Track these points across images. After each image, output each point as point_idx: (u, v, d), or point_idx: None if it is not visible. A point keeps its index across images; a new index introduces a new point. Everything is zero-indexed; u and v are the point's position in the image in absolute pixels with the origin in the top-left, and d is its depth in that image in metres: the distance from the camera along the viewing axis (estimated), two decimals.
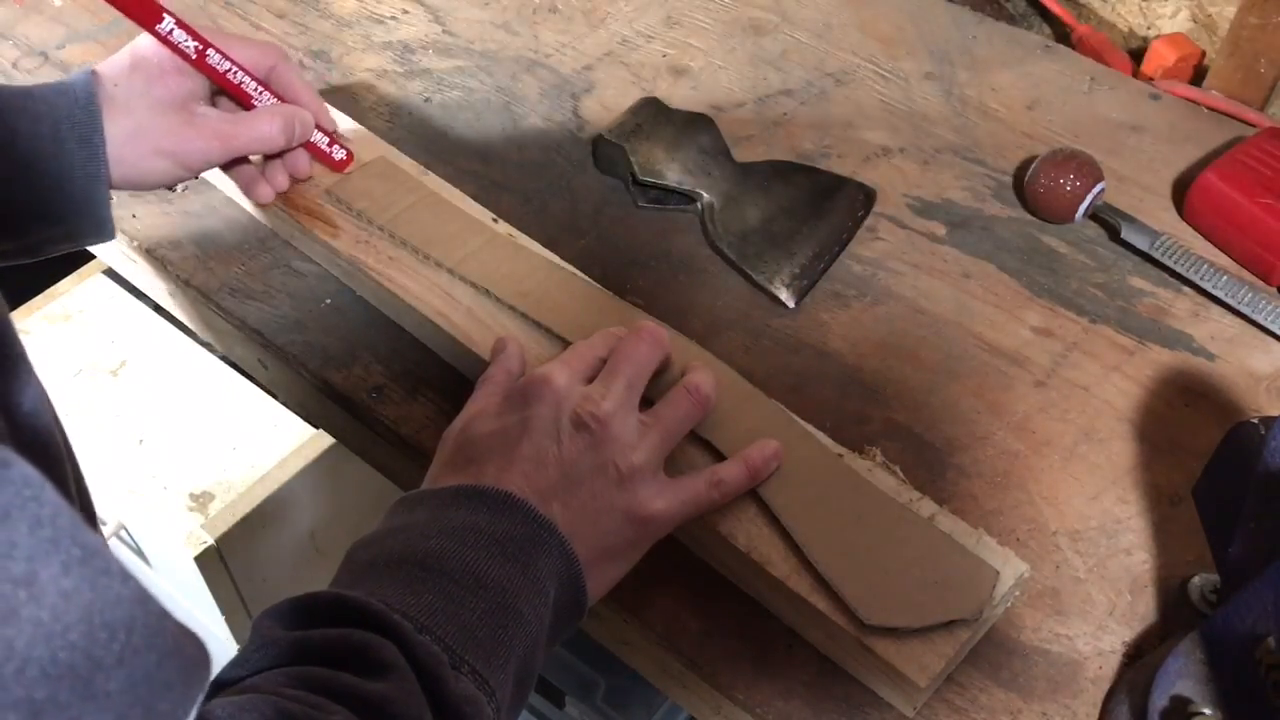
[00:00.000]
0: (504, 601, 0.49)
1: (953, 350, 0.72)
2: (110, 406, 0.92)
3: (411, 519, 0.52)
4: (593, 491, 0.55)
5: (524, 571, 0.50)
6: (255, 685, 0.42)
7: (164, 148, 0.65)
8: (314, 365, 0.70)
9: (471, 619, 0.47)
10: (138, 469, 0.90)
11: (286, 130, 0.69)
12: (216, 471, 0.89)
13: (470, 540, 0.50)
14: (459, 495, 0.52)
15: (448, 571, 0.48)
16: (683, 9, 0.96)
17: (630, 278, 0.75)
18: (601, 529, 0.55)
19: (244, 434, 0.91)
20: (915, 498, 0.60)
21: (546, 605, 0.51)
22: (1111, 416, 0.69)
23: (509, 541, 0.50)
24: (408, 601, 0.47)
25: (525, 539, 0.51)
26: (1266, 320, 0.73)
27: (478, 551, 0.50)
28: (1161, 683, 0.52)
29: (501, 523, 0.51)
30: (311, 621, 0.45)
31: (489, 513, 0.51)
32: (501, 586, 0.49)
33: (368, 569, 0.50)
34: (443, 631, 0.46)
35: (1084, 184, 0.77)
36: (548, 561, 0.51)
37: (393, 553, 0.50)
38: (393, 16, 0.94)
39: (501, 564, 0.50)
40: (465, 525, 0.51)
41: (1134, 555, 0.63)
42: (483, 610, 0.48)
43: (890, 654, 0.54)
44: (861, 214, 0.78)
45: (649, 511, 0.55)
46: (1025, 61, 0.92)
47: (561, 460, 0.55)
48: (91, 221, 0.65)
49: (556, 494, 0.54)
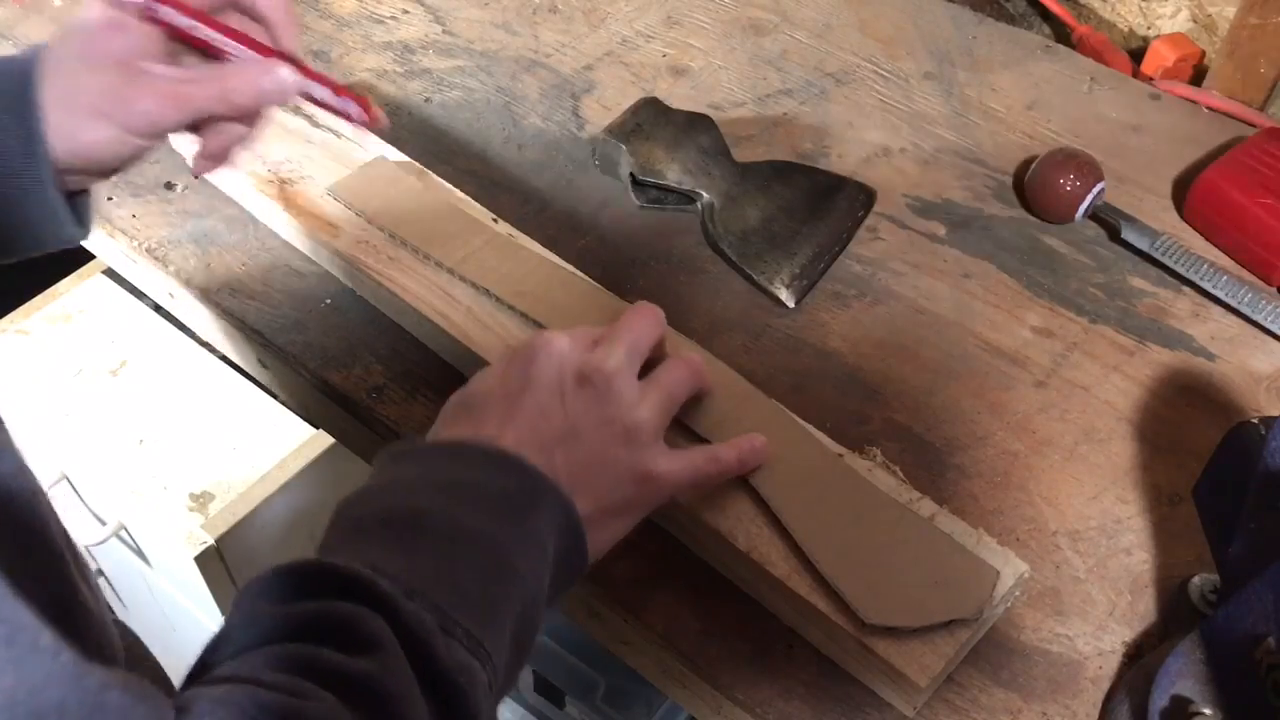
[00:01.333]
0: (499, 559, 0.47)
1: (953, 350, 0.72)
2: (110, 406, 0.92)
3: (400, 473, 0.51)
4: (596, 446, 0.53)
5: (520, 527, 0.49)
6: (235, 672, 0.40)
7: (100, 107, 0.56)
8: (314, 365, 0.70)
9: (465, 579, 0.46)
10: (138, 469, 0.90)
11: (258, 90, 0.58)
12: (216, 471, 0.89)
13: (462, 496, 0.48)
14: (450, 451, 0.51)
15: (439, 530, 0.47)
16: (683, 9, 0.96)
17: (630, 278, 0.75)
18: (604, 484, 0.53)
19: (244, 434, 0.91)
20: (915, 498, 0.60)
21: (545, 562, 0.49)
22: (1111, 416, 0.69)
23: (503, 497, 0.49)
24: (397, 564, 0.45)
25: (521, 494, 0.50)
26: (1266, 320, 0.73)
27: (470, 508, 0.48)
28: (1161, 683, 0.52)
29: (496, 478, 0.50)
30: (297, 593, 0.44)
31: (482, 468, 0.50)
32: (496, 543, 0.47)
33: (355, 530, 0.48)
34: (434, 594, 0.44)
35: (1084, 184, 0.77)
36: (546, 516, 0.50)
37: (381, 511, 0.48)
38: (393, 16, 0.94)
39: (495, 520, 0.48)
40: (457, 481, 0.49)
41: (1134, 555, 0.63)
42: (477, 569, 0.46)
43: (890, 654, 0.54)
44: (861, 214, 0.78)
45: (653, 470, 0.54)
46: (1025, 62, 0.92)
47: (565, 413, 0.53)
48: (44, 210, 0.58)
49: (559, 447, 0.53)
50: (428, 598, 0.44)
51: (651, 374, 0.58)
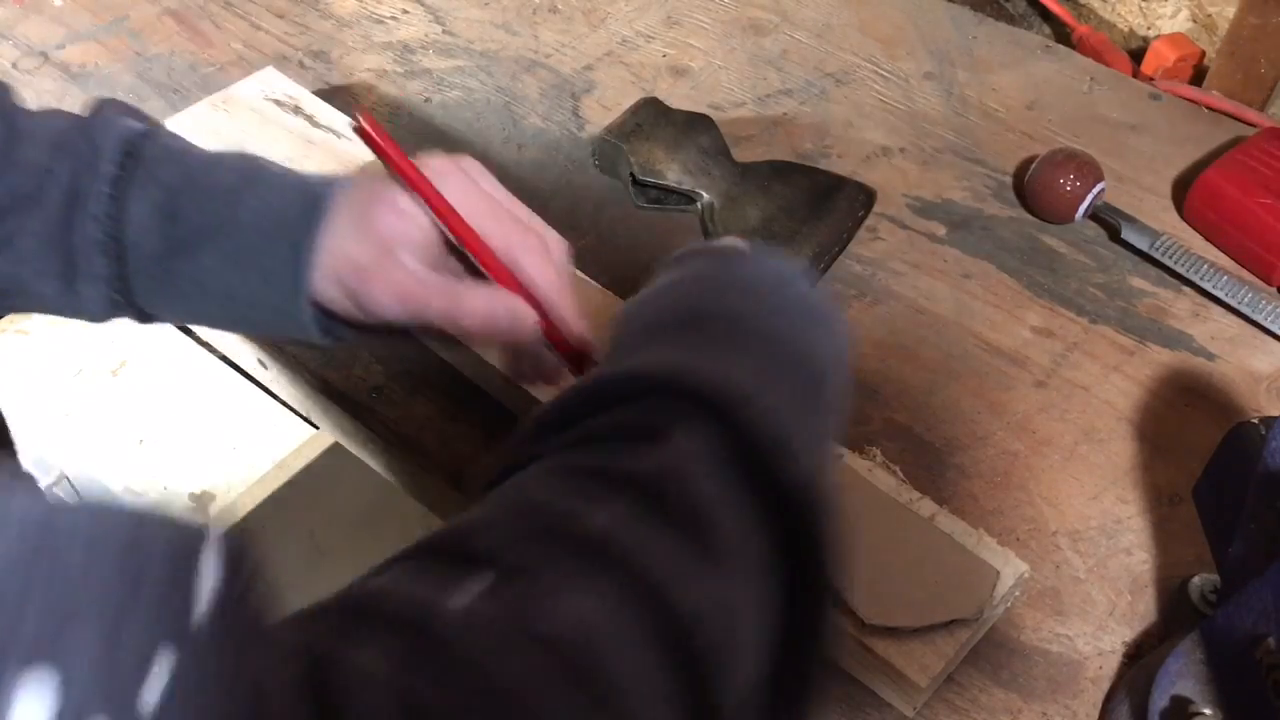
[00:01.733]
0: (817, 379, 0.42)
1: (953, 350, 0.72)
2: (110, 406, 0.92)
3: (690, 271, 0.46)
4: None
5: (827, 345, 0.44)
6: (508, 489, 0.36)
7: (343, 277, 0.55)
8: (314, 365, 0.70)
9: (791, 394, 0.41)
10: (138, 469, 0.90)
11: (482, 321, 0.56)
12: (216, 471, 0.89)
13: (773, 301, 0.44)
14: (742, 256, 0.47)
15: (759, 333, 0.42)
16: (683, 9, 0.96)
17: (630, 278, 0.75)
18: None
19: (244, 434, 0.91)
20: (915, 498, 0.60)
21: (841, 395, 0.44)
22: (1111, 416, 0.69)
23: (806, 309, 0.45)
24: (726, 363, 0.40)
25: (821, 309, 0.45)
26: (1267, 320, 0.73)
27: (783, 315, 0.44)
28: (1161, 683, 0.52)
29: (793, 287, 0.45)
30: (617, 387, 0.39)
31: (777, 275, 0.46)
32: (814, 360, 0.43)
33: (653, 333, 0.43)
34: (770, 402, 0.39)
35: (1084, 184, 0.77)
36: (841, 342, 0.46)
37: (683, 308, 0.44)
38: (393, 16, 0.94)
39: (808, 332, 0.44)
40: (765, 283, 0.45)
41: (1134, 555, 0.63)
42: (801, 387, 0.41)
43: (890, 654, 0.54)
44: (862, 214, 0.78)
45: None
46: (1025, 61, 0.92)
47: None
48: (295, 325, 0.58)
49: None
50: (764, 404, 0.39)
51: None
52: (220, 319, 0.62)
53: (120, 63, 0.88)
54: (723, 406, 0.37)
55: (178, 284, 0.58)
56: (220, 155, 0.59)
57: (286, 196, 0.57)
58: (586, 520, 0.35)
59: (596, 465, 0.37)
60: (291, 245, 0.56)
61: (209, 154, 0.59)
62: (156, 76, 0.87)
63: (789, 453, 0.38)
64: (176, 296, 0.59)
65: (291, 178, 0.58)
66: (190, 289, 0.58)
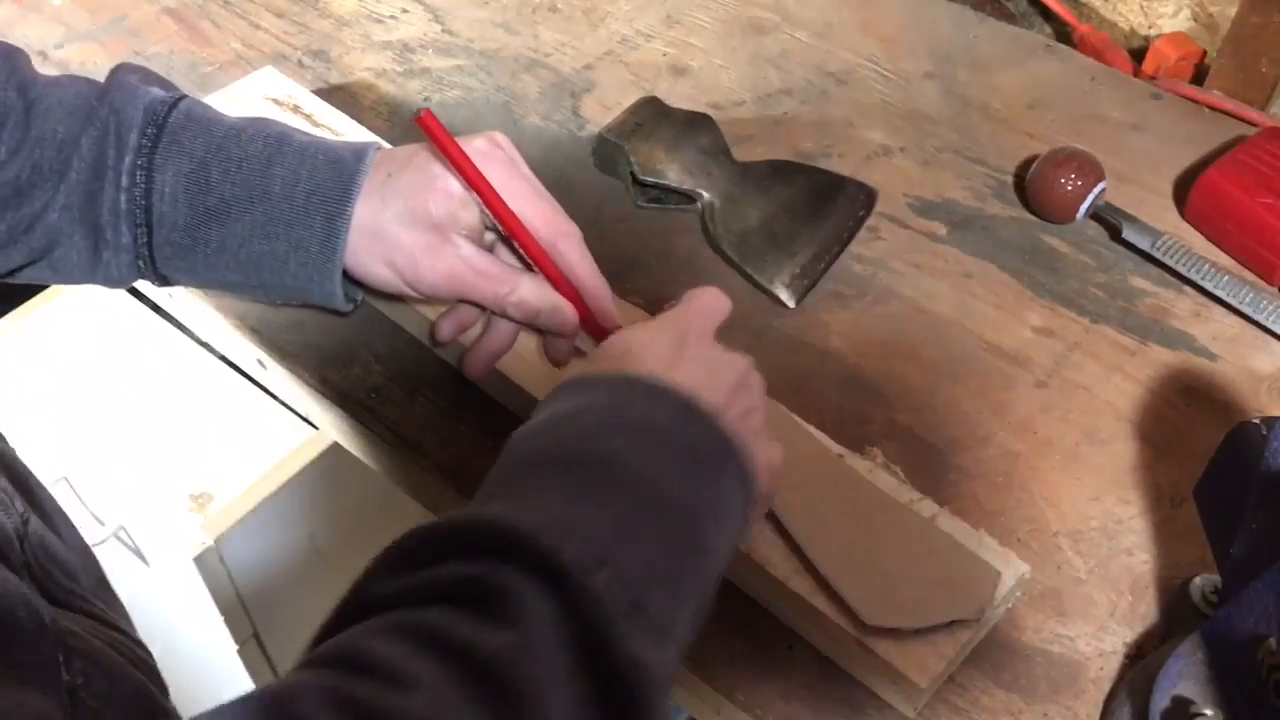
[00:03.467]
0: (692, 527, 0.42)
1: (954, 350, 0.72)
2: (110, 406, 0.92)
3: (587, 402, 0.45)
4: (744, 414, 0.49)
5: (712, 489, 0.43)
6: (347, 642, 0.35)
7: (396, 262, 0.59)
8: (314, 365, 0.70)
9: (656, 547, 0.40)
10: (138, 469, 0.90)
11: (527, 312, 0.60)
12: (216, 471, 0.89)
13: (657, 444, 0.43)
14: (640, 386, 0.45)
15: (631, 481, 0.41)
16: (683, 9, 0.96)
17: (630, 278, 0.75)
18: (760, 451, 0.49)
19: (244, 434, 0.91)
20: (916, 498, 0.60)
21: (730, 535, 0.44)
22: (1113, 417, 0.69)
23: (694, 453, 0.44)
24: (586, 518, 0.39)
25: (711, 455, 0.44)
26: (1268, 320, 0.72)
27: (660, 460, 0.42)
28: (1163, 683, 0.52)
29: (689, 428, 0.44)
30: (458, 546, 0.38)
31: (673, 415, 0.44)
32: (689, 510, 0.42)
33: (534, 467, 0.43)
34: (626, 563, 0.38)
35: (1085, 184, 0.77)
36: (732, 486, 0.45)
37: (563, 449, 0.43)
38: (393, 16, 0.94)
39: (689, 481, 0.43)
40: (650, 423, 0.44)
41: (1135, 556, 0.63)
42: (669, 537, 0.41)
43: (891, 655, 0.54)
44: (862, 214, 0.78)
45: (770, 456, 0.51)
46: (1026, 61, 0.92)
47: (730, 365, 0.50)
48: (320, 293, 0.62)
49: (731, 399, 0.48)
50: (619, 567, 0.38)
51: None
52: (243, 286, 0.63)
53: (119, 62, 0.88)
54: (569, 578, 0.37)
55: (204, 252, 0.59)
56: (246, 122, 0.60)
57: (317, 167, 0.58)
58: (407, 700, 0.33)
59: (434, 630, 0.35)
60: (326, 218, 0.58)
61: (234, 121, 0.60)
62: None
63: (633, 625, 0.37)
64: (201, 263, 0.60)
65: (319, 146, 0.60)
66: (216, 257, 0.59)
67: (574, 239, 0.61)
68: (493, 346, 0.63)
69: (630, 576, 0.38)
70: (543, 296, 0.60)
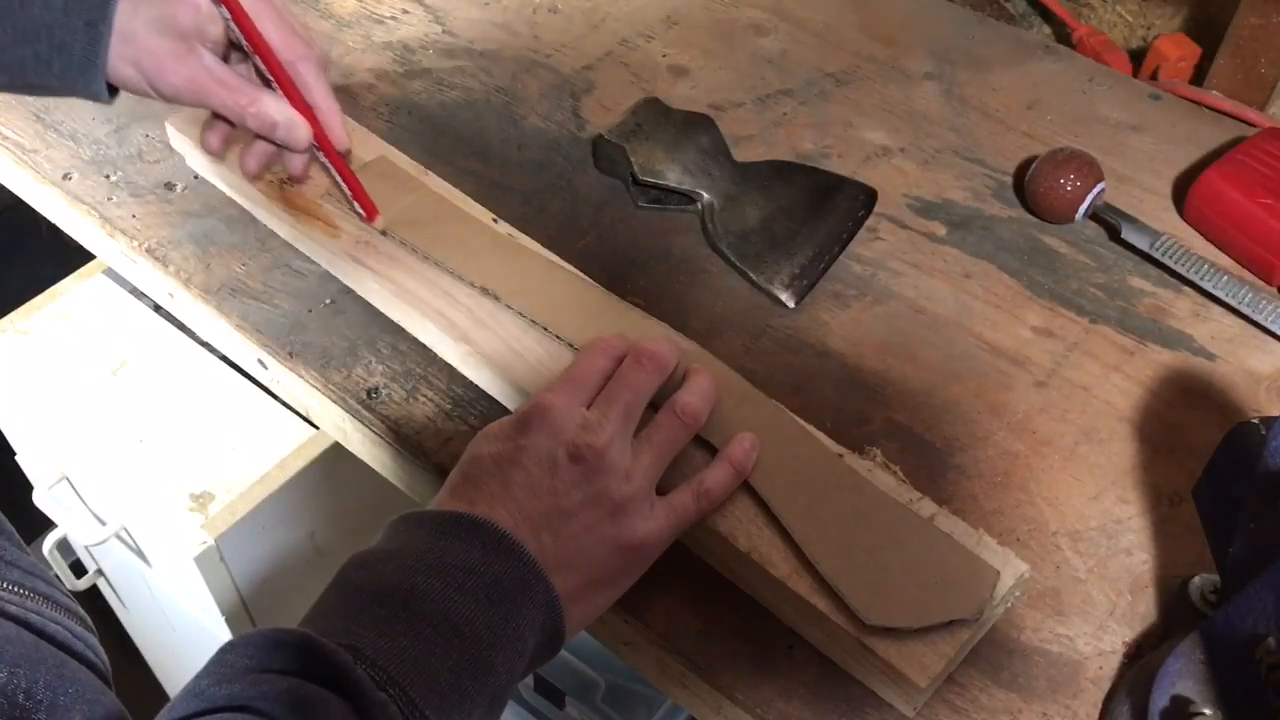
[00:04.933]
0: (479, 654, 0.49)
1: (953, 350, 0.72)
2: (110, 406, 0.92)
3: (409, 543, 0.52)
4: (585, 523, 0.54)
5: (506, 620, 0.50)
6: None
7: (141, 63, 0.64)
8: (314, 365, 0.70)
9: (441, 669, 0.47)
10: (138, 469, 0.90)
11: (265, 123, 0.68)
12: (216, 471, 0.89)
13: (460, 582, 0.50)
14: (459, 525, 0.52)
15: (429, 615, 0.48)
16: (683, 9, 0.96)
17: (630, 278, 0.75)
18: (592, 560, 0.54)
19: (244, 434, 0.91)
20: (915, 498, 0.60)
21: (523, 656, 0.51)
22: (1112, 416, 0.69)
23: (497, 586, 0.50)
24: (380, 644, 0.47)
25: (514, 585, 0.51)
26: (1267, 320, 0.73)
27: (465, 596, 0.49)
28: (1162, 683, 0.52)
29: (495, 564, 0.51)
30: (274, 661, 0.45)
31: (483, 551, 0.51)
32: (479, 638, 0.49)
33: (354, 596, 0.50)
34: (407, 682, 0.46)
35: (1084, 184, 0.77)
36: (532, 611, 0.51)
37: (382, 583, 0.50)
38: (393, 16, 0.94)
39: (485, 610, 0.50)
40: (458, 564, 0.50)
41: (1134, 555, 0.63)
42: (455, 661, 0.48)
43: (890, 654, 0.54)
44: (862, 214, 0.78)
45: (639, 540, 0.55)
46: (1025, 61, 0.92)
47: (555, 491, 0.54)
48: (85, 92, 0.66)
49: (548, 525, 0.54)
50: (401, 686, 0.46)
51: (644, 433, 0.58)
52: (8, 87, 0.67)
53: None
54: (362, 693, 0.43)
55: None
56: None
57: None
58: None
59: None
60: (88, 24, 0.62)
61: None
62: None
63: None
64: None
65: None
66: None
67: (311, 61, 0.69)
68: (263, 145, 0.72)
69: (411, 691, 0.46)
70: (280, 110, 0.67)
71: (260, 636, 0.46)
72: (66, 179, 0.80)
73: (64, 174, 0.80)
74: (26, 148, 0.82)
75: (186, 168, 0.80)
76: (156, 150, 0.82)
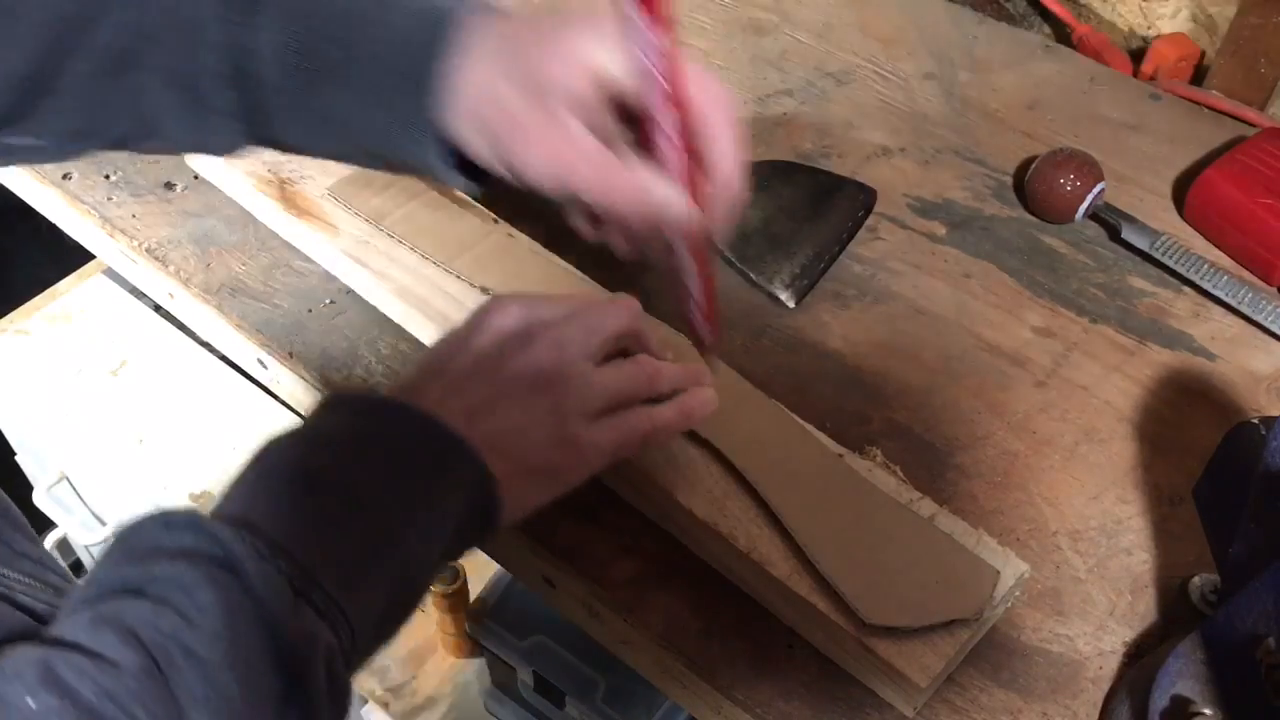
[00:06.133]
0: (386, 526, 0.48)
1: (953, 350, 0.72)
2: (110, 406, 0.92)
3: (324, 423, 0.52)
4: (526, 407, 0.53)
5: (422, 495, 0.49)
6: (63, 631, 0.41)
7: (490, 124, 0.51)
8: (314, 365, 0.70)
9: (341, 541, 0.47)
10: (138, 469, 0.90)
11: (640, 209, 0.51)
12: (216, 471, 0.89)
13: (371, 458, 0.49)
14: (378, 406, 0.52)
15: (332, 488, 0.48)
16: (683, 9, 0.96)
17: (630, 278, 0.75)
18: (529, 446, 0.53)
19: (244, 434, 0.91)
20: (915, 498, 0.60)
21: (442, 527, 0.50)
22: (1112, 416, 0.69)
23: (411, 461, 0.50)
24: (277, 518, 0.46)
25: (432, 461, 0.50)
26: (1267, 320, 0.73)
27: (373, 471, 0.49)
28: (1162, 683, 0.52)
29: (406, 440, 0.50)
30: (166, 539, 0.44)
31: (398, 427, 0.50)
32: (387, 510, 0.48)
33: (260, 474, 0.49)
34: (301, 552, 0.45)
35: (1084, 184, 0.77)
36: (453, 481, 0.50)
37: (288, 460, 0.49)
38: None
39: (396, 484, 0.49)
40: (370, 441, 0.50)
41: (1134, 555, 0.63)
42: (358, 533, 0.47)
43: (890, 654, 0.54)
44: (862, 214, 0.78)
45: (578, 437, 0.54)
46: (1025, 61, 0.92)
47: (497, 376, 0.54)
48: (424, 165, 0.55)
49: (484, 409, 0.53)
50: (292, 557, 0.44)
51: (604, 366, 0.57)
52: (354, 155, 0.59)
53: None
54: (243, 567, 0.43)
55: (306, 117, 0.55)
56: None
57: (410, 21, 0.52)
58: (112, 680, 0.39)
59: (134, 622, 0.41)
60: (415, 78, 0.51)
61: None
62: None
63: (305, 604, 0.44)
64: (305, 129, 0.56)
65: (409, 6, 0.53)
66: (318, 122, 0.55)
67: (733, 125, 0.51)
68: None
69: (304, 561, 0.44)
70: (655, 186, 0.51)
71: (151, 520, 0.45)
72: (66, 179, 0.80)
73: (64, 174, 0.80)
74: None
75: (186, 168, 0.80)
76: None
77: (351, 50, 0.53)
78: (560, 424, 0.54)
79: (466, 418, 0.52)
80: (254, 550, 0.44)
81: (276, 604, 0.43)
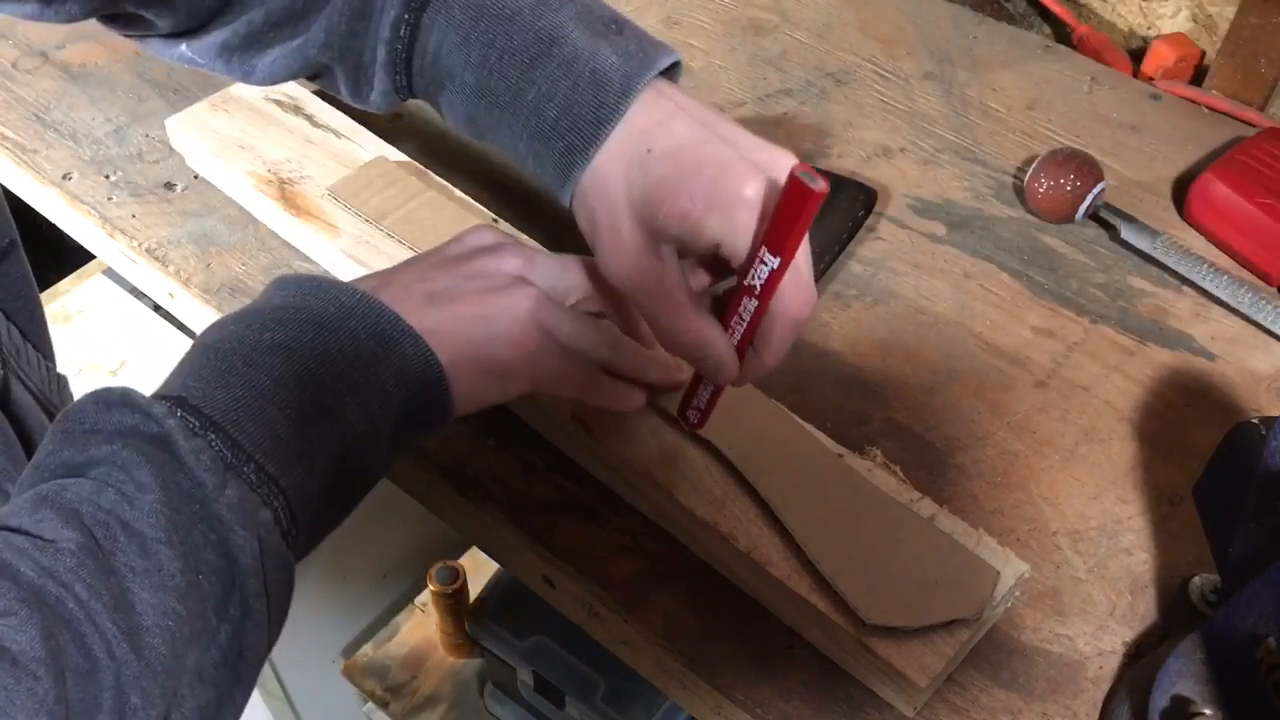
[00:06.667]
0: (325, 401, 0.48)
1: (953, 350, 0.72)
2: None
3: (267, 302, 0.52)
4: (486, 300, 0.54)
5: (362, 372, 0.50)
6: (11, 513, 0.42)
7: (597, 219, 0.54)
8: None
9: (277, 416, 0.47)
10: None
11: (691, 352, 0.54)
12: None
13: (310, 336, 0.50)
14: (320, 286, 0.52)
15: (269, 366, 0.48)
16: (683, 9, 0.96)
17: None
18: (482, 338, 0.54)
19: None
20: (915, 498, 0.60)
21: (387, 407, 0.51)
22: (1112, 416, 0.69)
23: (352, 339, 0.50)
24: (212, 394, 0.47)
25: (372, 338, 0.51)
26: (1267, 320, 0.73)
27: (312, 348, 0.49)
28: (1162, 683, 0.52)
29: (350, 321, 0.51)
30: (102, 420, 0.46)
31: (339, 307, 0.51)
32: (326, 386, 0.49)
33: (200, 353, 0.50)
34: (234, 427, 0.46)
35: (1084, 184, 0.77)
36: (395, 362, 0.51)
37: (228, 338, 0.50)
38: None
39: (336, 361, 0.49)
40: (310, 318, 0.50)
41: (1134, 555, 0.63)
42: (295, 408, 0.48)
43: (890, 654, 0.54)
44: (862, 214, 0.78)
45: (536, 342, 0.54)
46: (1025, 61, 0.92)
47: (467, 266, 0.55)
48: None
49: (448, 296, 0.54)
50: (225, 432, 0.46)
51: None
52: None
53: (120, 62, 0.88)
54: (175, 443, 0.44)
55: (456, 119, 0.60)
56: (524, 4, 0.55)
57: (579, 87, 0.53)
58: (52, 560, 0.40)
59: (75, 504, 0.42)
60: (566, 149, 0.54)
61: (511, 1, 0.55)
62: (156, 76, 0.87)
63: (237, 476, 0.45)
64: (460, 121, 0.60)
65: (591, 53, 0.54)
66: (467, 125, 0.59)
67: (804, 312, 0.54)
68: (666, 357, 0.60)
69: (235, 435, 0.45)
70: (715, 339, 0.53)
71: (88, 401, 0.46)
72: (66, 179, 0.80)
73: (64, 174, 0.80)
74: (26, 148, 0.82)
75: (186, 168, 0.80)
76: (156, 150, 0.82)
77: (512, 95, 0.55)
78: (517, 325, 0.54)
79: (426, 300, 0.54)
80: (185, 425, 0.45)
81: (207, 477, 0.44)
